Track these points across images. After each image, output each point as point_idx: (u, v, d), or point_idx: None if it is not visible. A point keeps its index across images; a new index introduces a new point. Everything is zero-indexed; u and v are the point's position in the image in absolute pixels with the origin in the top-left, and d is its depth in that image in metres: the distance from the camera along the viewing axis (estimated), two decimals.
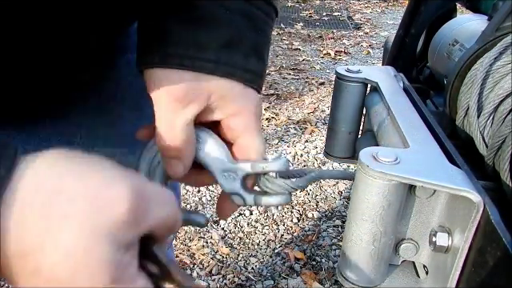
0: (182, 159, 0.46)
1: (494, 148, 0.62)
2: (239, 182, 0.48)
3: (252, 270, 1.76)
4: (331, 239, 1.92)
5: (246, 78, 0.47)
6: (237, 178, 0.48)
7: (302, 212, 2.08)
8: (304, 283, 1.70)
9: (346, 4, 6.29)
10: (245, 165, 0.48)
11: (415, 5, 1.03)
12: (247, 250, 1.86)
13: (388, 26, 5.28)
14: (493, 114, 0.65)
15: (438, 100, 0.99)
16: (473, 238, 0.49)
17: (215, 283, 1.69)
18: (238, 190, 0.48)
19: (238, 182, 0.48)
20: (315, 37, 4.79)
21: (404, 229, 0.58)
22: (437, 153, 0.57)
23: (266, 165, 0.48)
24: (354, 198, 0.54)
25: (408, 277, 0.61)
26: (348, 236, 0.56)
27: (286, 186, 0.48)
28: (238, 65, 0.46)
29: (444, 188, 0.49)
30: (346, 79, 0.81)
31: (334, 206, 2.14)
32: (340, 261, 0.59)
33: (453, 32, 0.95)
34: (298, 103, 3.19)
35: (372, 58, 4.21)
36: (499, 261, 0.46)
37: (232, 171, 0.48)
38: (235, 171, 0.48)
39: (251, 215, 2.03)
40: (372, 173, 0.51)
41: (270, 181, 0.49)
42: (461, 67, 0.76)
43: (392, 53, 1.10)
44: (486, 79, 0.68)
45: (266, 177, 0.49)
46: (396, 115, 0.67)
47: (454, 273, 0.51)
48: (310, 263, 1.79)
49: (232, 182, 0.48)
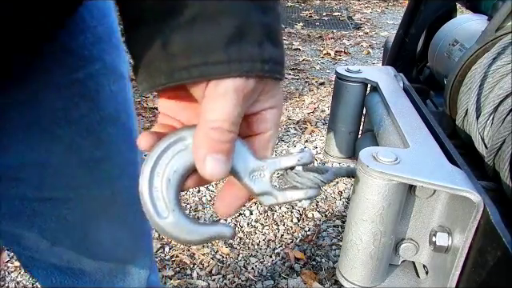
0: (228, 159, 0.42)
1: (494, 148, 0.62)
2: (268, 180, 0.46)
3: (252, 269, 1.76)
4: (331, 239, 1.92)
5: (265, 69, 0.40)
6: (265, 176, 0.45)
7: (302, 212, 2.08)
8: (304, 283, 1.70)
9: (346, 4, 6.29)
10: (273, 161, 0.46)
11: (415, 5, 1.03)
12: (247, 249, 1.86)
13: (388, 25, 5.28)
14: (493, 114, 0.65)
15: (438, 100, 0.99)
16: (473, 238, 0.49)
17: (215, 283, 1.69)
18: (268, 189, 0.46)
19: (267, 180, 0.45)
20: (315, 37, 4.79)
21: (404, 229, 0.58)
22: (437, 153, 0.57)
23: (298, 157, 0.46)
24: (353, 198, 0.54)
25: (408, 277, 0.61)
26: (348, 236, 0.56)
27: (316, 180, 0.46)
28: (253, 57, 0.39)
29: (444, 188, 0.49)
30: (346, 79, 0.81)
31: (334, 206, 2.14)
32: (340, 261, 0.59)
33: (453, 32, 0.95)
34: (297, 103, 3.19)
35: (372, 58, 4.21)
36: (499, 261, 0.46)
37: (259, 170, 0.45)
38: (262, 169, 0.45)
39: (251, 215, 2.03)
40: (372, 173, 0.51)
41: (299, 175, 0.46)
42: (461, 67, 0.76)
43: (392, 53, 1.10)
44: (485, 79, 0.68)
45: (295, 171, 0.47)
46: (396, 115, 0.67)
47: (454, 273, 0.51)
48: (310, 263, 1.79)
49: (261, 183, 0.45)
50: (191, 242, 0.44)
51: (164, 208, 0.43)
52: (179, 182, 0.44)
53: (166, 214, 0.42)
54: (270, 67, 0.41)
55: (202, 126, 0.40)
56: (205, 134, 0.40)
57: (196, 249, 1.83)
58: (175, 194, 0.43)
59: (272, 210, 2.07)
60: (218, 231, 0.45)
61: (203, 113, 0.40)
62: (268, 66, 0.41)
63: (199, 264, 1.77)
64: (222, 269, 1.75)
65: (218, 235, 0.45)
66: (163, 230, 0.43)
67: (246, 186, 0.45)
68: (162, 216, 0.42)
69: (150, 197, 0.42)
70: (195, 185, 0.46)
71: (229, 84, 0.39)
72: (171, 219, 0.43)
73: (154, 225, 0.43)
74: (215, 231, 0.45)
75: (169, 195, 0.43)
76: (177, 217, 0.43)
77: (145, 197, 0.42)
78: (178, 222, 0.43)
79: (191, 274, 1.72)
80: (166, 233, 0.43)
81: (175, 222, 0.43)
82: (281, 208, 2.09)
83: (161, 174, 0.43)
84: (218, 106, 0.40)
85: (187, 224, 0.43)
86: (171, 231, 0.43)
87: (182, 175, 0.44)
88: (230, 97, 0.39)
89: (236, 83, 0.39)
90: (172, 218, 0.43)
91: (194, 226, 0.44)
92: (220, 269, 1.75)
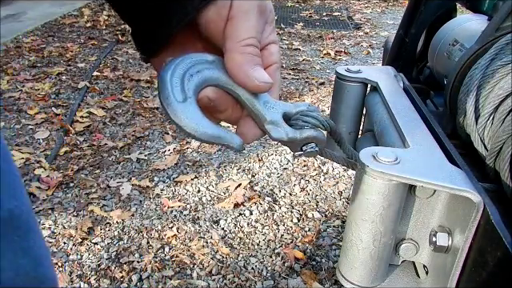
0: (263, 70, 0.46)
1: (495, 149, 0.62)
2: (279, 113, 0.48)
3: (252, 269, 1.76)
4: (331, 239, 1.92)
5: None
6: (277, 111, 0.48)
7: (302, 212, 2.08)
8: (304, 283, 1.70)
9: (346, 4, 6.29)
10: (284, 103, 0.49)
11: (415, 5, 1.03)
12: (247, 250, 1.86)
13: (388, 25, 5.27)
14: (493, 115, 0.65)
15: (438, 100, 0.99)
16: (473, 238, 0.49)
17: (215, 283, 1.69)
18: (279, 120, 0.48)
19: (278, 113, 0.48)
20: (315, 37, 4.79)
21: (404, 229, 0.58)
22: (437, 153, 0.57)
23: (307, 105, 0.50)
24: (353, 198, 0.54)
25: (408, 277, 0.61)
26: (348, 236, 0.56)
27: (321, 118, 0.50)
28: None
29: (444, 188, 0.49)
30: (346, 79, 0.81)
31: (334, 206, 2.14)
32: (340, 261, 0.59)
33: (453, 32, 0.95)
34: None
35: (372, 58, 4.21)
36: (499, 261, 0.46)
37: (272, 104, 0.48)
38: (275, 105, 0.48)
39: (251, 215, 2.03)
40: (372, 173, 0.51)
41: (308, 115, 0.49)
42: (461, 67, 0.76)
43: (392, 53, 1.10)
44: (485, 79, 0.68)
45: (303, 113, 0.50)
46: (396, 115, 0.67)
47: (454, 273, 0.51)
48: (310, 263, 1.79)
49: (273, 113, 0.48)
50: (198, 133, 0.44)
51: (180, 93, 0.44)
52: (201, 82, 0.46)
53: (181, 99, 0.44)
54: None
55: (235, 45, 0.44)
56: (241, 52, 0.44)
57: (196, 249, 1.83)
58: (194, 89, 0.45)
59: (272, 210, 2.07)
60: (227, 136, 0.45)
61: (233, 33, 0.44)
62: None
63: (199, 264, 1.77)
64: (222, 269, 1.75)
65: (226, 140, 0.45)
66: (175, 113, 0.43)
67: (259, 113, 0.47)
68: (178, 99, 0.43)
69: (170, 81, 0.44)
70: (211, 99, 0.47)
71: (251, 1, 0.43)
72: (185, 104, 0.44)
73: (169, 107, 0.43)
74: (224, 135, 0.45)
75: (188, 85, 0.45)
76: (191, 104, 0.44)
77: (165, 80, 0.44)
78: (191, 108, 0.44)
79: (191, 274, 1.72)
80: (177, 116, 0.43)
81: (188, 108, 0.44)
82: (281, 208, 2.09)
83: (184, 69, 0.45)
84: (246, 25, 0.44)
85: (199, 115, 0.44)
86: (182, 115, 0.43)
87: (205, 78, 0.46)
88: (254, 14, 0.44)
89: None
90: (186, 103, 0.44)
91: (205, 120, 0.44)
92: (220, 269, 1.75)
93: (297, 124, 0.49)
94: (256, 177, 2.33)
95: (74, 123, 2.79)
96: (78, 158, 2.45)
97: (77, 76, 3.52)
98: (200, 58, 0.46)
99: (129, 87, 3.33)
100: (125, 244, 1.85)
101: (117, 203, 2.10)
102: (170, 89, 0.43)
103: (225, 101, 0.48)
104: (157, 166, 2.37)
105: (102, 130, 2.74)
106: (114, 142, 2.60)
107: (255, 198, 2.15)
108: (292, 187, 2.25)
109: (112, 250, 1.82)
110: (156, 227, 1.95)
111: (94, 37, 4.52)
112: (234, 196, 2.15)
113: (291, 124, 0.49)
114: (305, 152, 0.50)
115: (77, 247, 1.83)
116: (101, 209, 2.05)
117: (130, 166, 2.39)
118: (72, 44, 4.25)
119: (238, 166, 2.41)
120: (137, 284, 1.66)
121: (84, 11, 5.37)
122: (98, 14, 5.30)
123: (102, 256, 1.78)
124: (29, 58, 3.83)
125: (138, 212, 2.05)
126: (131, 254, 1.79)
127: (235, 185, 2.23)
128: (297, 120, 0.49)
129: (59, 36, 4.50)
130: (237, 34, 0.44)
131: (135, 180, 2.26)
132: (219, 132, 0.44)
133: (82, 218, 2.00)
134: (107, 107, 3.02)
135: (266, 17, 0.46)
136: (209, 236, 1.91)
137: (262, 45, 0.47)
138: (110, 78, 3.50)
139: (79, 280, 1.68)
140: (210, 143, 0.46)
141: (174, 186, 2.23)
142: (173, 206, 2.08)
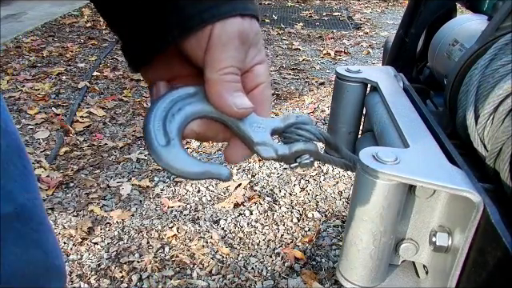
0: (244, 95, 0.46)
1: (495, 149, 0.62)
2: (268, 133, 0.48)
3: (252, 269, 1.76)
4: (331, 239, 1.92)
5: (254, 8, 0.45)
6: (265, 130, 0.48)
7: (302, 212, 2.08)
8: (304, 283, 1.70)
9: (346, 4, 6.29)
10: (272, 119, 0.48)
11: (415, 5, 1.03)
12: (247, 250, 1.86)
13: (388, 25, 5.27)
14: (492, 115, 0.65)
15: (437, 100, 0.99)
16: (473, 238, 0.49)
17: (215, 283, 1.69)
18: (267, 140, 0.48)
19: (266, 132, 0.48)
20: (315, 37, 4.79)
21: (404, 229, 0.58)
22: (437, 153, 0.57)
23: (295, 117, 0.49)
24: (353, 198, 0.54)
25: (408, 277, 0.61)
26: (348, 236, 0.56)
27: (314, 131, 0.49)
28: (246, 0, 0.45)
29: (444, 188, 0.49)
30: (346, 79, 0.81)
31: (334, 206, 2.14)
32: (340, 261, 0.59)
33: (453, 32, 0.95)
34: (297, 103, 3.19)
35: (372, 58, 4.21)
36: (499, 261, 0.46)
37: (260, 123, 0.48)
38: (263, 123, 0.48)
39: (251, 215, 2.03)
40: (372, 173, 0.51)
41: (301, 128, 0.49)
42: (461, 67, 0.76)
43: (392, 53, 1.10)
44: (485, 79, 0.68)
45: (295, 126, 0.49)
46: (396, 115, 0.67)
47: (454, 273, 0.51)
48: (310, 263, 1.79)
49: (262, 133, 0.47)
50: (184, 173, 0.45)
51: (163, 136, 0.45)
52: (183, 120, 0.46)
53: (164, 143, 0.44)
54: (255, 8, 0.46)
55: (214, 75, 0.44)
56: (220, 81, 0.44)
57: (196, 249, 1.83)
58: (177, 130, 0.46)
59: (272, 209, 2.07)
60: (214, 168, 0.46)
61: (212, 62, 0.44)
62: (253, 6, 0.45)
63: (199, 264, 1.77)
64: (222, 269, 1.75)
65: (213, 174, 0.46)
66: (159, 157, 0.44)
67: (246, 136, 0.47)
68: (160, 143, 0.44)
69: (153, 125, 0.45)
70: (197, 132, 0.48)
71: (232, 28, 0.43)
72: (168, 147, 0.44)
73: (152, 152, 0.44)
74: (211, 169, 0.46)
75: (170, 127, 0.45)
76: (174, 146, 0.45)
77: (147, 125, 0.45)
78: (175, 151, 0.44)
79: (191, 274, 1.72)
80: (161, 160, 0.44)
81: (171, 151, 0.44)
82: (281, 208, 2.09)
83: (166, 110, 0.46)
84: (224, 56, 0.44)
85: (184, 155, 0.45)
86: (167, 159, 0.44)
87: (186, 115, 0.46)
88: (233, 44, 0.44)
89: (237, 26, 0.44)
90: (169, 147, 0.44)
91: (190, 159, 0.45)
92: (220, 269, 1.75)
93: (290, 138, 0.49)
94: (256, 177, 2.33)
95: (73, 123, 2.79)
96: (77, 158, 2.45)
97: (77, 76, 3.52)
98: (182, 94, 0.47)
99: (129, 87, 3.33)
100: (125, 244, 1.85)
101: (117, 203, 2.10)
102: (152, 134, 0.45)
103: (213, 128, 0.49)
104: (157, 166, 2.37)
105: (102, 130, 2.74)
106: (113, 142, 2.60)
107: (255, 197, 2.15)
108: (292, 187, 2.25)
109: (112, 249, 1.82)
110: (156, 227, 1.95)
111: (94, 37, 4.52)
112: (234, 196, 2.15)
113: (285, 137, 0.49)
114: (300, 164, 0.50)
115: (77, 247, 1.83)
116: (101, 209, 2.05)
117: (130, 166, 2.39)
118: (72, 44, 4.25)
119: (238, 165, 2.41)
120: (137, 284, 1.66)
121: (84, 11, 5.37)
122: (98, 13, 5.30)
123: (102, 256, 1.78)
124: (29, 58, 3.83)
125: (138, 212, 2.05)
126: (131, 254, 1.79)
127: (235, 185, 2.23)
128: (291, 133, 0.49)
129: (59, 36, 4.50)
130: (215, 64, 0.44)
131: (135, 180, 2.26)
132: (205, 168, 0.45)
133: (82, 217, 2.00)
134: (107, 107, 3.02)
135: (249, 43, 0.46)
136: (209, 236, 1.91)
137: (247, 68, 0.47)
138: (110, 77, 3.50)
139: (79, 280, 1.68)
140: (198, 180, 0.46)
141: (174, 186, 2.23)
142: (173, 205, 2.09)
